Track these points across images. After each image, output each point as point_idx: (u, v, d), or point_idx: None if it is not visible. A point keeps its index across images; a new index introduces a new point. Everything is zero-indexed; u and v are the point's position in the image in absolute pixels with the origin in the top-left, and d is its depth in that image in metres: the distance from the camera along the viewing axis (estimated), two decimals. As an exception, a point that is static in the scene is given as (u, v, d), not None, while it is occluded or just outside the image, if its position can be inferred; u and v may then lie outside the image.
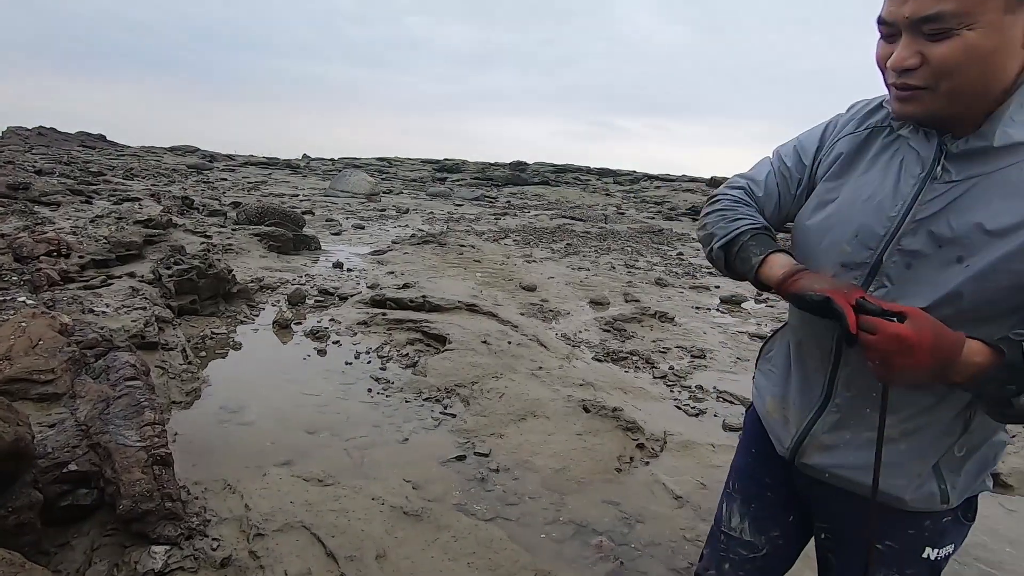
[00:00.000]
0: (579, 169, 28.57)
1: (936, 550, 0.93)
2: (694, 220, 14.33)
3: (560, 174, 25.98)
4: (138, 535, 1.73)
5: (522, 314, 4.99)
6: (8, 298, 3.18)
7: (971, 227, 0.77)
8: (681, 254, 9.07)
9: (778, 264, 0.91)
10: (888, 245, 0.84)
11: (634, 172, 28.38)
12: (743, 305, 6.13)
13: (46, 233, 4.70)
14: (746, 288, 6.84)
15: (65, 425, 2.03)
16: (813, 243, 0.93)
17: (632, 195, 20.18)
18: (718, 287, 6.79)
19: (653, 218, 14.24)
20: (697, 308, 5.84)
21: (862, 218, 0.87)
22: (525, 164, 27.43)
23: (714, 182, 23.89)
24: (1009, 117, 0.75)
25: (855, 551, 0.97)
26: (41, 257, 4.16)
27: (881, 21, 0.76)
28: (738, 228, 0.99)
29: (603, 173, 27.98)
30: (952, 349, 0.74)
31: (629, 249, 9.11)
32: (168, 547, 1.70)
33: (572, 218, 12.74)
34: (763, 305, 6.20)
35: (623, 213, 14.74)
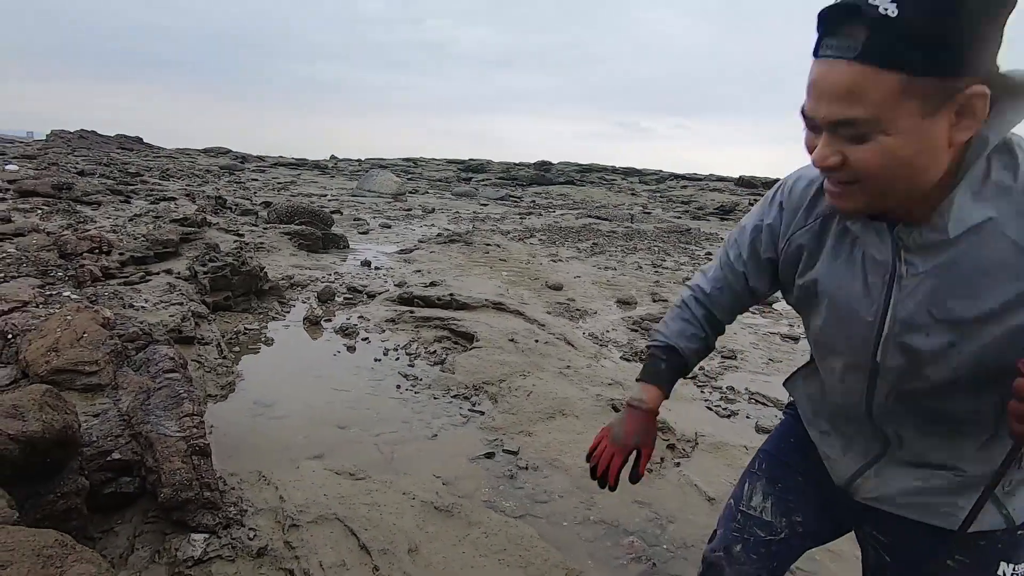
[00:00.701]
0: (604, 169, 28.40)
1: (1012, 565, 0.88)
2: (722, 220, 14.12)
3: (585, 174, 25.86)
4: (178, 523, 1.77)
5: (549, 313, 4.97)
6: (54, 293, 3.30)
7: (954, 316, 0.76)
8: (709, 254, 8.92)
9: (633, 394, 1.13)
10: (877, 347, 0.83)
11: (660, 171, 28.09)
12: (775, 306, 5.99)
13: (88, 231, 4.87)
14: (777, 289, 6.70)
15: (108, 415, 2.09)
16: (820, 352, 0.98)
17: (658, 194, 19.97)
18: (748, 287, 6.65)
19: (680, 217, 14.07)
20: (727, 308, 5.73)
21: (847, 328, 0.87)
22: (550, 164, 27.38)
23: (742, 181, 23.48)
24: (958, 207, 0.71)
25: (914, 562, 0.95)
26: (84, 254, 4.30)
27: (803, 114, 0.73)
28: (655, 339, 1.16)
29: (629, 173, 27.76)
30: None
31: (656, 249, 9.01)
32: (207, 535, 1.74)
33: (598, 217, 12.66)
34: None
35: (649, 212, 14.59)
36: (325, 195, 13.74)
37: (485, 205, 14.65)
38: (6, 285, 3.23)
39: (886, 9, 0.61)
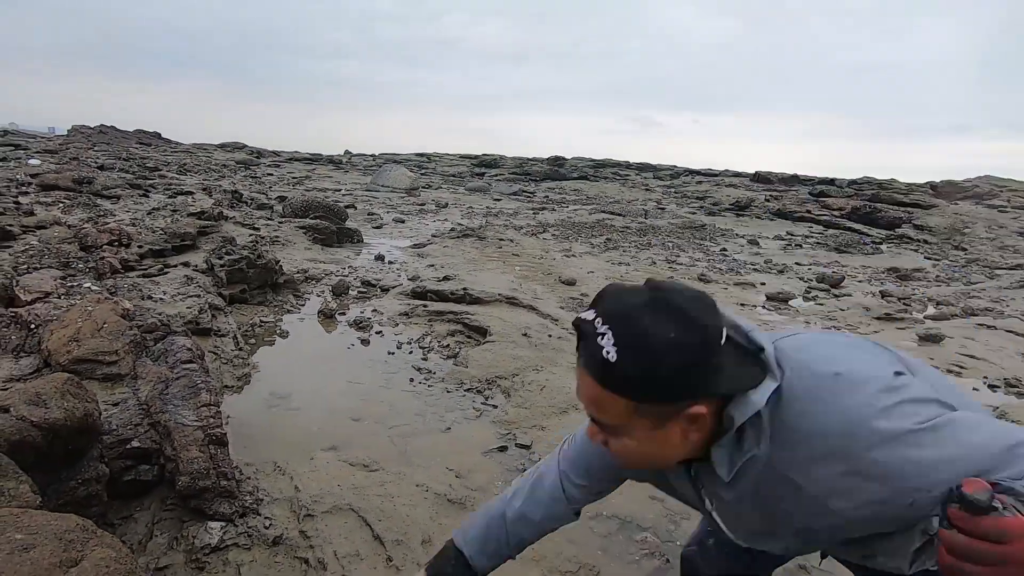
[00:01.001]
0: (618, 164, 28.21)
1: None
2: (738, 216, 13.97)
3: (599, 169, 25.71)
4: (195, 511, 1.80)
5: (562, 308, 4.96)
6: (75, 284, 3.36)
7: (778, 530, 0.89)
8: (724, 250, 8.84)
9: None
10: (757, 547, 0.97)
11: (675, 167, 27.85)
12: (791, 303, 5.92)
13: (108, 224, 4.94)
14: (793, 285, 6.62)
15: (128, 404, 2.12)
16: None
17: (673, 190, 19.80)
18: (763, 284, 6.59)
19: (695, 213, 13.94)
20: (742, 305, 5.68)
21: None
22: (563, 159, 27.26)
23: (759, 177, 23.19)
24: (719, 463, 0.84)
25: None
26: (104, 246, 4.37)
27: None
28: (461, 532, 1.17)
29: (643, 168, 27.56)
30: None
31: (670, 244, 8.94)
32: (223, 523, 1.76)
33: (611, 213, 12.59)
34: (811, 303, 5.98)
35: (664, 208, 14.48)
36: (339, 190, 13.82)
37: (498, 200, 14.64)
38: (29, 276, 3.29)
39: (608, 353, 0.73)
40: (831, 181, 21.53)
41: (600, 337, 0.74)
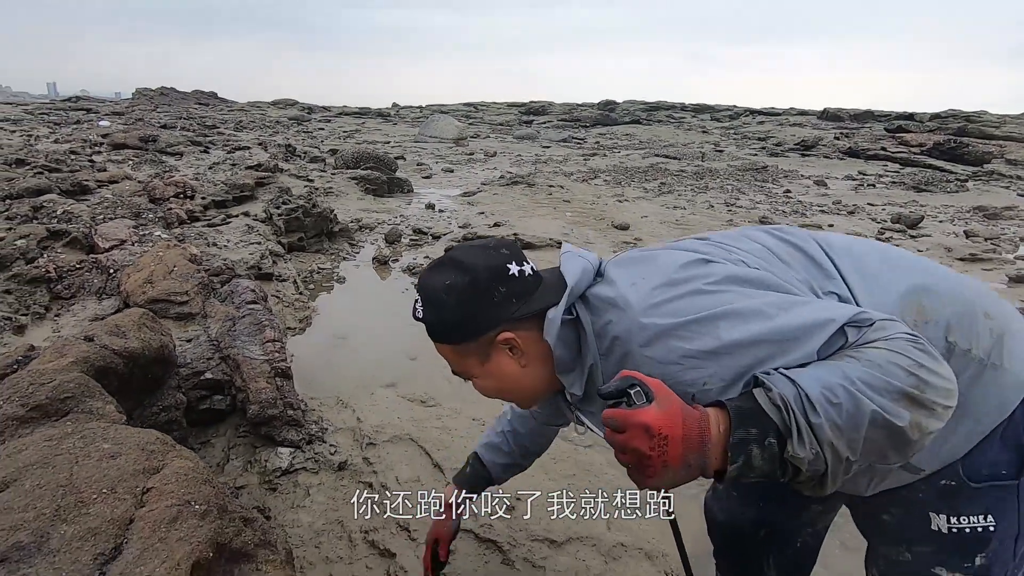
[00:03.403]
0: (673, 106, 26.87)
1: (947, 518, 0.83)
2: (803, 156, 13.11)
3: (652, 112, 24.60)
4: (266, 438, 1.89)
5: (615, 252, 4.83)
6: (147, 232, 3.53)
7: None
8: (788, 191, 8.34)
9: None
10: None
11: (734, 107, 26.26)
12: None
13: (173, 178, 5.14)
14: (865, 227, 6.20)
15: (200, 340, 2.24)
16: None
17: (732, 132, 18.73)
18: (831, 226, 6.19)
19: (756, 155, 13.16)
20: (807, 247, 5.37)
21: None
22: (615, 103, 26.19)
23: (827, 114, 21.57)
24: (568, 383, 0.89)
25: (862, 522, 0.99)
26: (171, 199, 4.56)
27: None
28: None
29: (699, 110, 26.15)
30: (703, 426, 0.68)
31: (729, 187, 8.51)
32: (292, 449, 1.85)
33: (666, 157, 12.07)
34: (887, 244, 5.58)
35: (721, 151, 13.75)
36: (388, 142, 13.84)
37: (547, 147, 14.30)
38: (106, 225, 3.48)
39: (417, 312, 0.89)
40: (910, 116, 19.78)
41: (416, 303, 0.89)
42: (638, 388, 0.68)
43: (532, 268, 0.90)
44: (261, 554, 0.94)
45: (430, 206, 6.44)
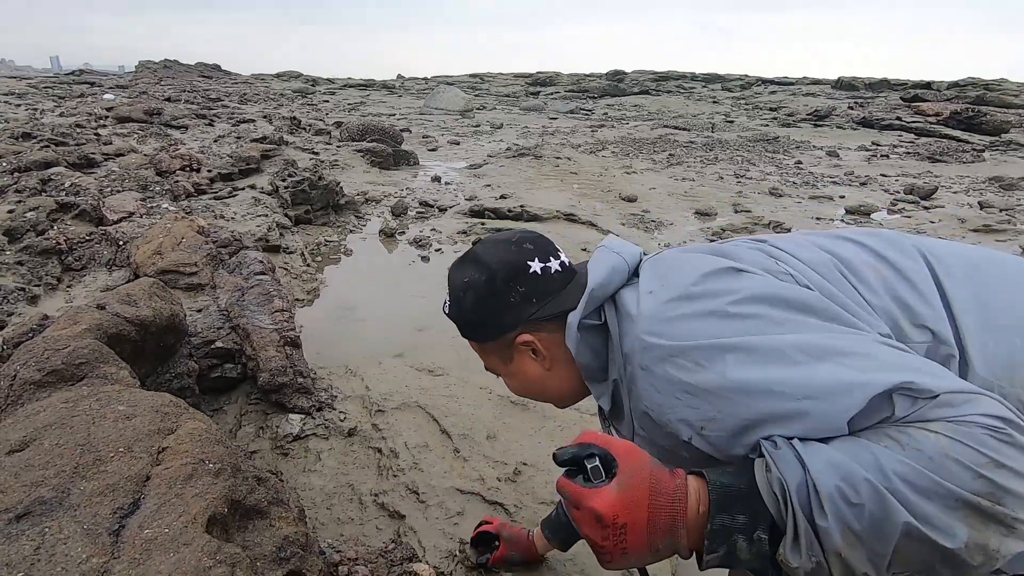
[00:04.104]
0: (683, 76, 26.31)
1: None
2: (816, 126, 12.85)
3: (661, 82, 24.12)
4: (277, 405, 1.93)
5: (622, 224, 4.81)
6: (154, 205, 3.54)
7: (659, 451, 0.77)
8: (800, 163, 8.21)
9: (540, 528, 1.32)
10: None
11: (745, 77, 25.67)
12: (873, 216, 5.48)
13: (179, 151, 5.13)
14: (877, 198, 6.10)
15: (210, 310, 2.26)
16: None
17: (743, 102, 18.36)
18: (843, 197, 6.11)
19: (767, 125, 12.93)
20: (818, 219, 5.31)
21: None
22: (623, 73, 25.67)
23: (842, 83, 21.06)
24: (596, 395, 0.84)
25: None
26: (177, 171, 4.56)
27: None
28: None
29: (710, 79, 25.60)
30: (676, 508, 0.56)
31: (739, 159, 8.38)
32: (303, 416, 1.89)
33: (675, 128, 11.88)
34: (897, 216, 5.51)
35: (732, 121, 13.50)
36: (393, 114, 13.70)
37: (554, 119, 14.10)
38: (113, 198, 3.49)
39: (445, 307, 0.89)
40: (927, 84, 19.27)
41: (444, 304, 0.89)
42: (596, 462, 0.57)
43: (562, 263, 0.83)
44: (274, 511, 0.97)
45: (436, 179, 6.40)
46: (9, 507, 0.81)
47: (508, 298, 0.80)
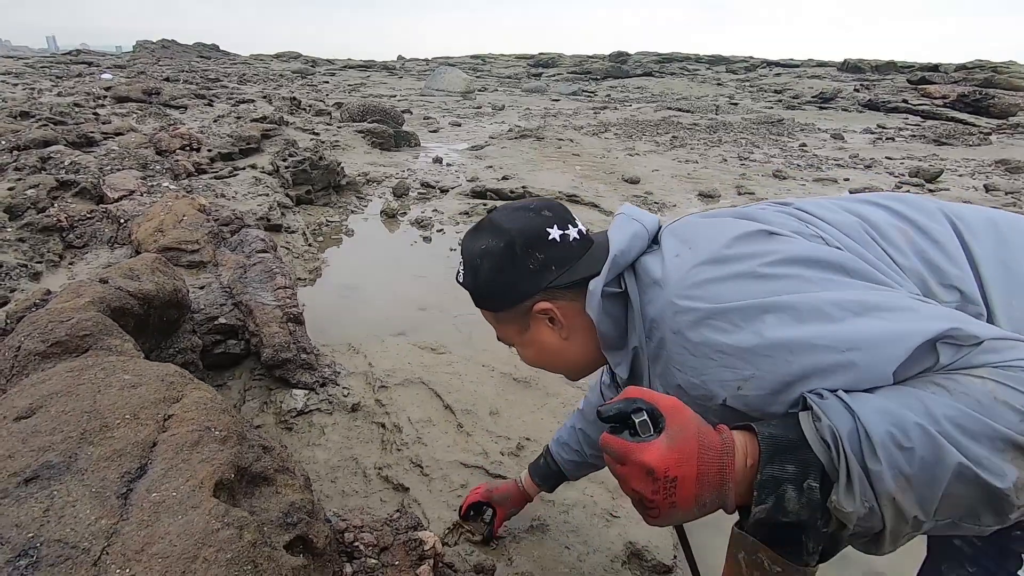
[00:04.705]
0: (687, 58, 25.97)
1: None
2: (821, 108, 12.72)
3: (665, 64, 23.82)
4: (281, 380, 1.93)
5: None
6: (155, 184, 3.52)
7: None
8: (804, 145, 8.13)
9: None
10: None
11: (750, 59, 25.35)
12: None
13: (179, 130, 5.09)
14: (882, 181, 6.06)
15: (212, 287, 2.26)
16: None
17: (747, 84, 18.15)
18: (847, 180, 6.06)
19: (772, 107, 12.80)
20: (822, 201, 5.27)
21: None
22: (627, 55, 25.33)
23: (848, 65, 20.80)
24: (614, 363, 0.82)
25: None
26: (177, 151, 4.52)
27: None
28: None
29: (714, 61, 25.28)
30: (725, 462, 0.55)
31: (743, 141, 8.31)
32: (306, 391, 1.89)
33: (679, 110, 11.76)
34: (902, 198, 5.47)
35: (736, 103, 13.36)
36: (394, 95, 13.57)
37: (557, 101, 13.95)
38: (114, 176, 3.47)
39: (459, 276, 0.86)
40: (935, 67, 19.01)
41: (458, 273, 0.87)
42: (644, 416, 0.57)
43: (580, 231, 0.82)
44: (280, 478, 0.97)
45: (438, 160, 6.36)
46: (17, 471, 0.82)
47: (527, 265, 0.79)
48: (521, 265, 0.79)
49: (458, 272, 0.87)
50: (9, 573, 0.68)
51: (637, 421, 0.56)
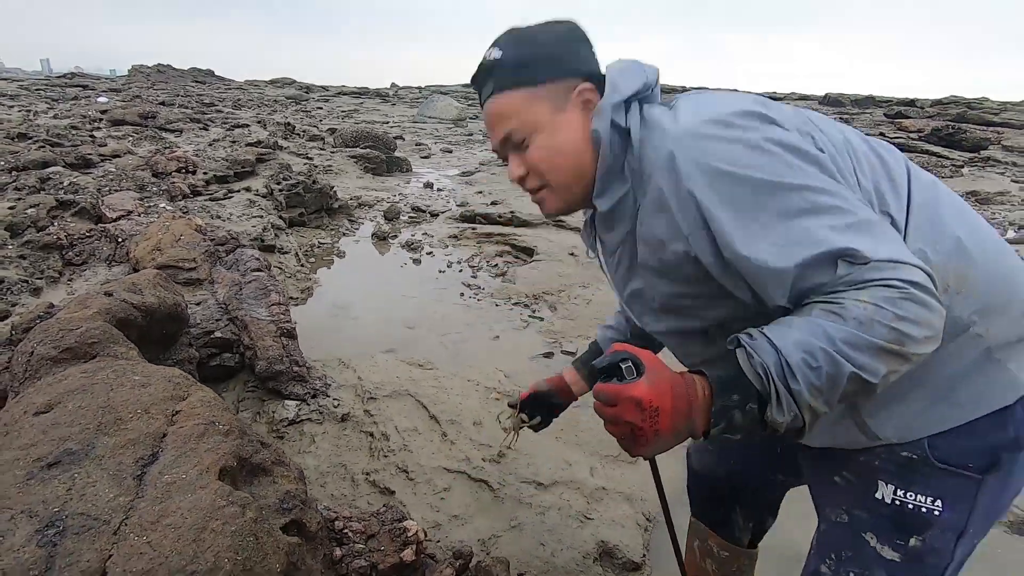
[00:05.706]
0: (673, 90, 26.72)
1: (894, 489, 0.81)
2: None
3: (652, 96, 24.46)
4: (273, 391, 2.02)
5: (609, 230, 4.94)
6: (152, 204, 3.62)
7: (637, 268, 0.88)
8: (784, 175, 8.41)
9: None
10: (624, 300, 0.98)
11: (735, 91, 26.15)
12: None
13: (175, 153, 5.21)
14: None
15: (208, 303, 2.35)
16: None
17: (731, 116, 18.67)
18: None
19: (754, 139, 13.18)
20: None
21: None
22: (615, 86, 26.01)
23: (829, 99, 21.53)
24: (599, 188, 0.85)
25: (814, 482, 0.95)
26: (173, 173, 4.64)
27: (495, 151, 0.91)
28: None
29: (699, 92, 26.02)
30: (690, 396, 0.70)
31: (725, 170, 8.58)
32: (298, 402, 1.98)
33: (664, 140, 12.07)
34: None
35: (720, 134, 13.75)
36: (387, 122, 13.83)
37: (546, 130, 14.28)
38: (112, 197, 3.57)
39: (494, 56, 0.83)
40: (911, 102, 19.73)
41: (489, 55, 0.84)
42: (629, 363, 0.70)
43: None
44: (277, 470, 1.07)
45: (428, 185, 6.52)
46: (40, 457, 0.91)
47: (588, 45, 0.85)
48: (581, 42, 0.85)
49: (487, 56, 0.85)
50: (39, 540, 0.76)
51: (623, 367, 0.70)
